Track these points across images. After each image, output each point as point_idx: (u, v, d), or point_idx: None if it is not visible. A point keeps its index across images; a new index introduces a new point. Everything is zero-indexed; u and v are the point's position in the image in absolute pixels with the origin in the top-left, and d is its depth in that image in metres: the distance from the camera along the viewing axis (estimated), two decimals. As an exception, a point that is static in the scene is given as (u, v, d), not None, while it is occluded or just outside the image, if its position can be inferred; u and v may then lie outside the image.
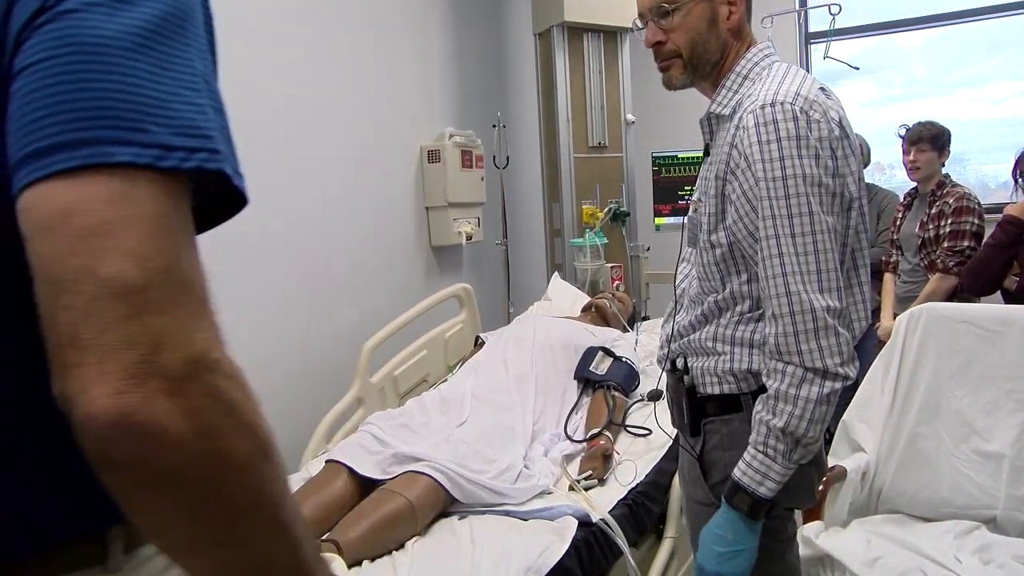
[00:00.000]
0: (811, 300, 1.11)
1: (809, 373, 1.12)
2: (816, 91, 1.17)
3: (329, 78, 2.94)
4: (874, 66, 4.60)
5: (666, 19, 1.25)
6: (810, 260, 1.11)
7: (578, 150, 3.62)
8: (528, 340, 2.49)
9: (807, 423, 1.12)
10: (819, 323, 1.11)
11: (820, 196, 1.12)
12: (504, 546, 1.61)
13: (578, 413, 2.33)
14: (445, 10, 3.64)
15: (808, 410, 1.12)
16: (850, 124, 1.22)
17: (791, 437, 1.13)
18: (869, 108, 4.58)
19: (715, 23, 1.25)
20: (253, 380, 2.02)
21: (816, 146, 1.13)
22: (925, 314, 2.34)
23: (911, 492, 2.25)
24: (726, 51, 1.27)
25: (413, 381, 2.71)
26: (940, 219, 2.98)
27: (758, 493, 1.15)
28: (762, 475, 1.15)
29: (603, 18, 3.59)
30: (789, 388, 1.13)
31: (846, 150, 1.17)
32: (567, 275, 3.53)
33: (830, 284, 1.12)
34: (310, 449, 2.29)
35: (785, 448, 1.14)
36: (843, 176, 1.16)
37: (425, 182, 3.45)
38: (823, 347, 1.11)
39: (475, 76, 3.84)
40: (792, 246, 1.12)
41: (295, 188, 2.77)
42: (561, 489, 1.96)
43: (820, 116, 1.14)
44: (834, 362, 1.11)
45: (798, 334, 1.12)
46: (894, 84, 4.68)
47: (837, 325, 1.12)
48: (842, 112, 1.20)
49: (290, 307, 2.74)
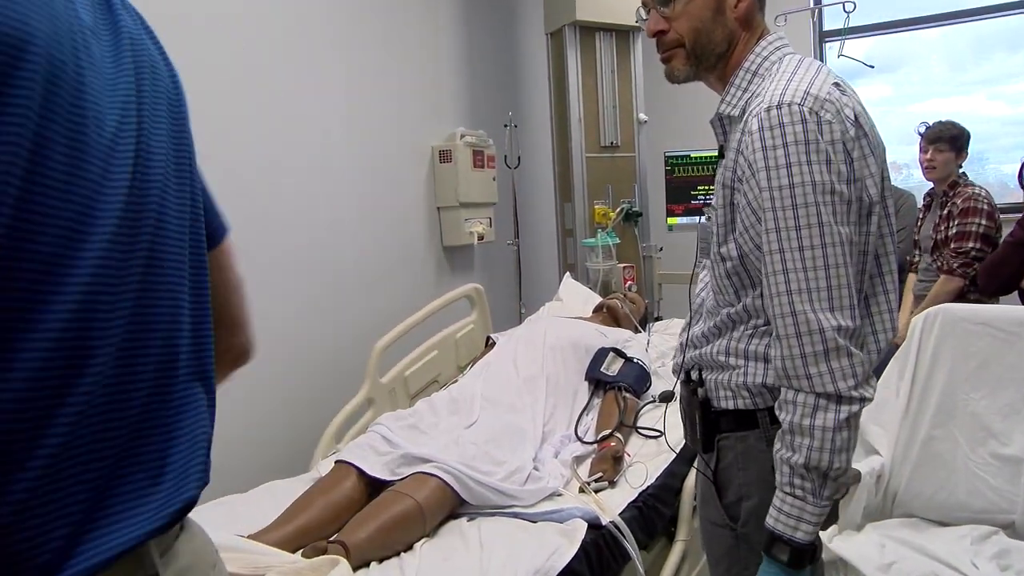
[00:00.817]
0: (819, 320, 1.03)
1: (821, 399, 1.04)
2: (829, 87, 1.09)
3: (340, 78, 2.94)
4: (891, 64, 4.56)
5: (668, 6, 1.19)
6: (819, 276, 1.04)
7: (590, 150, 3.61)
8: (539, 341, 2.48)
9: (829, 454, 1.04)
10: (828, 344, 1.03)
11: (833, 205, 1.04)
12: (512, 548, 1.59)
13: (589, 414, 2.32)
14: (457, 10, 3.63)
15: (827, 440, 1.03)
16: (871, 120, 1.13)
17: (816, 472, 1.05)
18: (886, 107, 4.54)
19: (721, 11, 1.18)
20: (265, 379, 2.08)
21: (828, 150, 1.04)
22: (941, 315, 2.30)
23: (927, 496, 2.22)
24: (733, 42, 1.19)
25: (424, 381, 2.70)
26: (949, 220, 2.95)
27: (795, 540, 1.06)
28: (796, 519, 1.06)
29: (615, 17, 3.57)
30: (803, 419, 1.05)
31: (864, 150, 1.09)
32: (579, 275, 3.51)
33: (842, 302, 1.04)
34: (320, 449, 2.29)
35: (813, 486, 1.05)
36: (861, 179, 1.08)
37: (437, 182, 3.44)
38: (834, 370, 1.03)
39: (487, 76, 3.83)
40: (799, 261, 1.04)
41: (307, 189, 2.77)
42: (571, 491, 1.95)
43: (833, 116, 1.05)
44: (847, 385, 1.03)
45: (806, 356, 1.04)
46: (911, 82, 4.64)
47: (849, 345, 1.04)
48: (859, 108, 1.12)
49: (302, 307, 2.74)
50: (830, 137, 1.05)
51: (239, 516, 1.83)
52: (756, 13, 1.21)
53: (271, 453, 2.49)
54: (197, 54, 2.33)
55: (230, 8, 2.49)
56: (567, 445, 2.18)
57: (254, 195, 2.55)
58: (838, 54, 3.08)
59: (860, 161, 1.09)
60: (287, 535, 1.64)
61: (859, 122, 1.10)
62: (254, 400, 2.50)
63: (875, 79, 4.28)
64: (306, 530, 1.67)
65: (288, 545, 1.60)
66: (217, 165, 2.45)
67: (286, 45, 2.70)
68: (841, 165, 1.06)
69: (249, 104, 2.53)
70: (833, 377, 1.04)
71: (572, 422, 2.28)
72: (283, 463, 2.38)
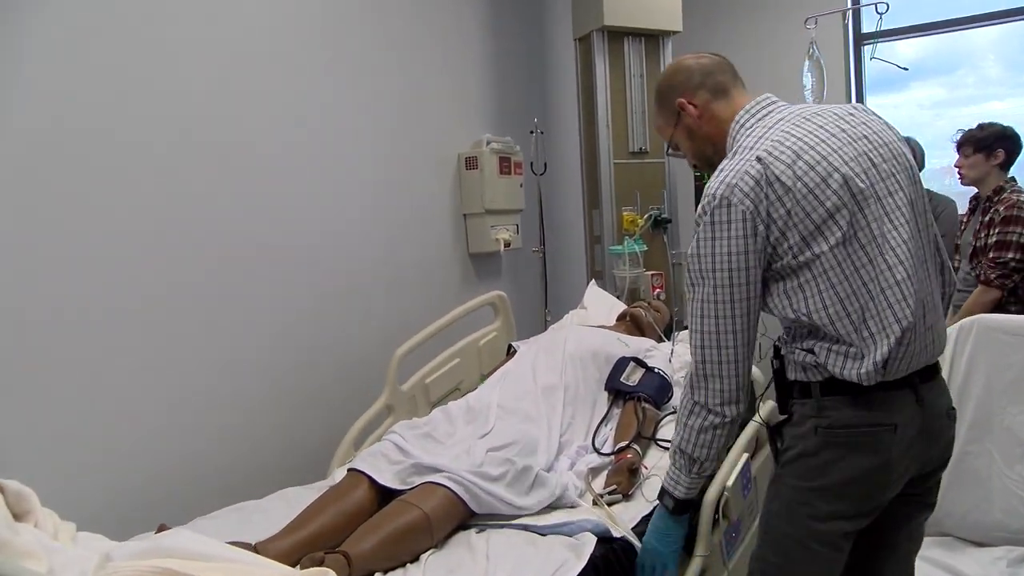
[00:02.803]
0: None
1: (697, 407, 1.43)
2: (749, 166, 1.34)
3: (366, 84, 2.96)
4: (945, 66, 4.38)
5: (677, 151, 1.62)
6: (708, 323, 1.39)
7: (618, 156, 3.57)
8: (559, 349, 2.45)
9: (692, 446, 1.45)
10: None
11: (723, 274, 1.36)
12: (518, 561, 1.57)
13: (607, 425, 2.28)
14: (484, 16, 3.63)
15: (692, 437, 1.44)
16: (815, 156, 1.34)
17: (685, 455, 1.47)
18: (938, 110, 4.36)
19: (693, 133, 1.55)
20: (288, 385, 2.11)
21: (727, 226, 1.34)
22: (976, 326, 2.22)
23: (960, 514, 2.14)
24: (716, 141, 1.52)
25: (445, 389, 2.69)
26: (990, 227, 2.83)
27: (674, 495, 1.51)
28: (675, 481, 1.51)
29: (644, 22, 3.53)
30: (682, 416, 1.47)
31: (797, 195, 1.32)
32: (607, 283, 3.47)
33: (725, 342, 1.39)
34: (337, 456, 2.29)
35: (683, 463, 1.48)
36: (789, 225, 1.33)
37: (463, 189, 3.44)
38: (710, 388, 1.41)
39: (514, 82, 3.82)
40: (698, 311, 1.41)
41: (333, 195, 2.79)
42: (584, 503, 1.91)
43: (738, 200, 1.34)
44: (715, 401, 1.41)
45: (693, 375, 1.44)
46: (965, 84, 4.45)
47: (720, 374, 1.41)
48: (793, 157, 1.34)
49: (327, 314, 2.76)
50: (731, 218, 1.34)
51: (252, 522, 1.84)
52: (716, 104, 1.52)
53: (289, 460, 2.51)
54: (221, 58, 2.37)
55: (256, 13, 2.52)
56: (583, 456, 2.14)
57: (279, 201, 2.58)
58: (870, 56, 2.99)
59: (782, 210, 1.33)
60: (295, 543, 1.64)
61: (781, 180, 1.33)
62: (274, 406, 2.52)
63: (928, 81, 4.12)
64: (314, 538, 1.67)
65: (295, 553, 1.59)
66: (242, 171, 2.51)
67: (312, 51, 2.73)
68: (738, 237, 1.34)
69: (274, 110, 2.56)
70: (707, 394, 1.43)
71: (590, 433, 2.24)
72: (301, 470, 2.39)
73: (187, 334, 2.29)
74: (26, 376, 1.91)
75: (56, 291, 1.98)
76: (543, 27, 4.10)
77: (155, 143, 2.22)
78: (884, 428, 1.35)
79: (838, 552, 1.42)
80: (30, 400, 1.92)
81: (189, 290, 2.30)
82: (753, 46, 4.34)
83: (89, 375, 2.05)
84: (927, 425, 1.40)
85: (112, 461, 2.06)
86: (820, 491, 1.39)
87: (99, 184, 2.08)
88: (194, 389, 2.30)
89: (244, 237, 2.45)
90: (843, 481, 1.37)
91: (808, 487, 1.41)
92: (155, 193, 2.21)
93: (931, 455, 1.44)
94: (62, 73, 2.00)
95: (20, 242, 1.91)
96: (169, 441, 2.20)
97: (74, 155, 2.03)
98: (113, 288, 2.11)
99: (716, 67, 1.55)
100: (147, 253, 2.20)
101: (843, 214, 1.33)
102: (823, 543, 1.41)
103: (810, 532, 1.41)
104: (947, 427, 1.47)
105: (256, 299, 2.49)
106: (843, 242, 1.32)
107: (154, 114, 2.21)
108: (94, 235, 2.07)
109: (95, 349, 2.06)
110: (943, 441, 1.46)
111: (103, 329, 2.08)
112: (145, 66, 2.18)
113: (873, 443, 1.35)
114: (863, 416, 1.35)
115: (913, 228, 1.37)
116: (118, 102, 2.12)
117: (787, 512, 1.44)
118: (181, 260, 2.28)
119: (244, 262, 2.46)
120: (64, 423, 1.98)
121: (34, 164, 1.94)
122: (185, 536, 1.19)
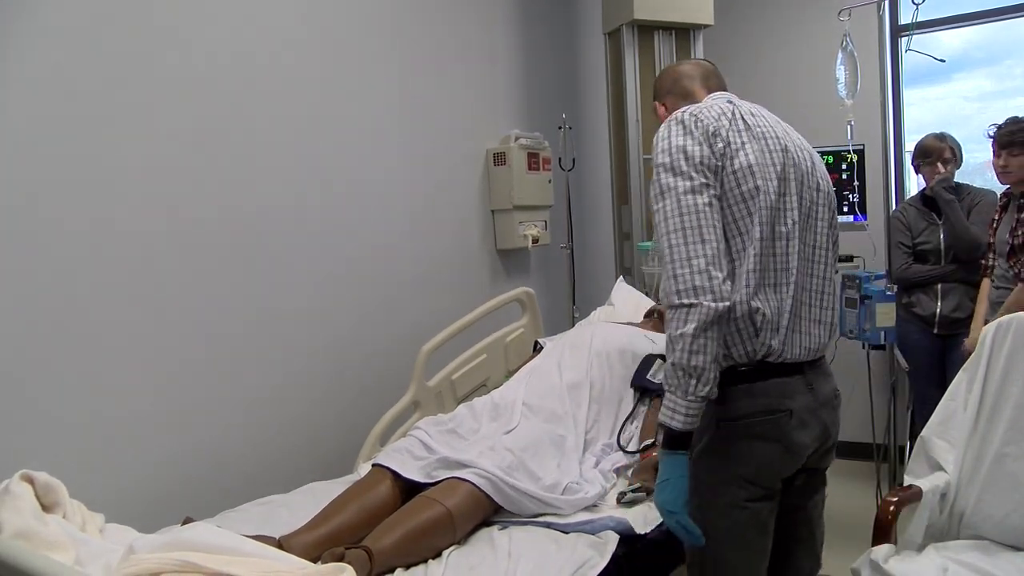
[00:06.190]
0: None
1: (680, 310, 1.35)
2: (719, 103, 1.46)
3: (394, 80, 2.96)
4: (992, 56, 4.22)
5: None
6: (674, 222, 1.38)
7: (647, 151, 3.53)
8: (584, 346, 2.43)
9: (687, 355, 1.33)
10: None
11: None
12: (541, 559, 1.56)
13: (633, 423, 2.26)
14: (512, 11, 3.62)
15: (685, 345, 1.33)
16: (759, 117, 1.48)
17: (680, 369, 1.33)
18: (984, 102, 4.21)
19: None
20: (316, 380, 2.10)
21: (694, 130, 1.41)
22: (1015, 324, 2.15)
23: (997, 518, 2.07)
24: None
25: (472, 385, 2.69)
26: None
27: (672, 426, 1.35)
28: (671, 410, 1.35)
29: (674, 15, 3.49)
30: (671, 332, 1.36)
31: (735, 135, 1.41)
32: (635, 279, 3.44)
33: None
34: (363, 452, 2.30)
35: (680, 381, 1.34)
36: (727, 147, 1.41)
37: (491, 185, 3.43)
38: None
39: (543, 77, 3.80)
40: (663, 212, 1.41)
41: (359, 191, 2.80)
42: (609, 502, 1.90)
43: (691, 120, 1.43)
44: (693, 295, 1.33)
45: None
46: (1013, 76, 4.30)
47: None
48: (732, 116, 1.44)
49: (354, 310, 2.77)
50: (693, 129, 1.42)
51: (278, 517, 1.86)
52: (679, 106, 1.52)
53: (316, 454, 2.53)
54: (251, 58, 2.38)
55: (284, 13, 2.54)
56: (609, 455, 2.13)
57: (307, 198, 2.59)
58: (906, 48, 2.92)
59: (725, 138, 1.41)
60: (318, 538, 1.65)
61: (745, 120, 1.45)
62: (301, 401, 2.54)
63: (974, 72, 3.98)
64: (338, 533, 1.68)
65: (319, 548, 1.60)
66: (273, 168, 2.52)
67: (340, 47, 2.74)
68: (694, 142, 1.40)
69: (302, 107, 2.58)
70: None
71: (615, 431, 2.22)
72: (328, 465, 2.41)
73: (219, 332, 2.30)
74: (61, 366, 1.93)
75: (92, 277, 1.98)
76: (572, 21, 4.08)
77: (181, 140, 2.23)
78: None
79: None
80: (62, 391, 1.94)
81: (225, 284, 2.31)
82: (785, 40, 4.26)
83: (123, 369, 2.06)
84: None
85: (141, 454, 2.08)
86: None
87: (132, 173, 2.09)
88: (224, 384, 2.32)
89: (274, 233, 2.47)
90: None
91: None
92: (181, 186, 2.22)
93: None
94: (70, 66, 1.95)
95: (58, 232, 1.93)
96: (198, 435, 2.23)
97: (123, 150, 2.03)
98: (152, 277, 2.11)
99: (690, 72, 1.65)
100: (196, 249, 2.21)
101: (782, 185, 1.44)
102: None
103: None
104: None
105: (285, 295, 2.51)
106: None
107: (182, 113, 2.21)
108: (163, 227, 2.08)
109: (127, 340, 2.07)
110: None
111: (135, 320, 2.09)
112: (175, 66, 2.19)
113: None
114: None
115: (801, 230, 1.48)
116: (147, 101, 2.14)
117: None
118: (218, 254, 2.29)
119: (275, 258, 2.47)
120: (94, 415, 2.00)
121: (49, 153, 1.91)
122: (207, 529, 1.20)
